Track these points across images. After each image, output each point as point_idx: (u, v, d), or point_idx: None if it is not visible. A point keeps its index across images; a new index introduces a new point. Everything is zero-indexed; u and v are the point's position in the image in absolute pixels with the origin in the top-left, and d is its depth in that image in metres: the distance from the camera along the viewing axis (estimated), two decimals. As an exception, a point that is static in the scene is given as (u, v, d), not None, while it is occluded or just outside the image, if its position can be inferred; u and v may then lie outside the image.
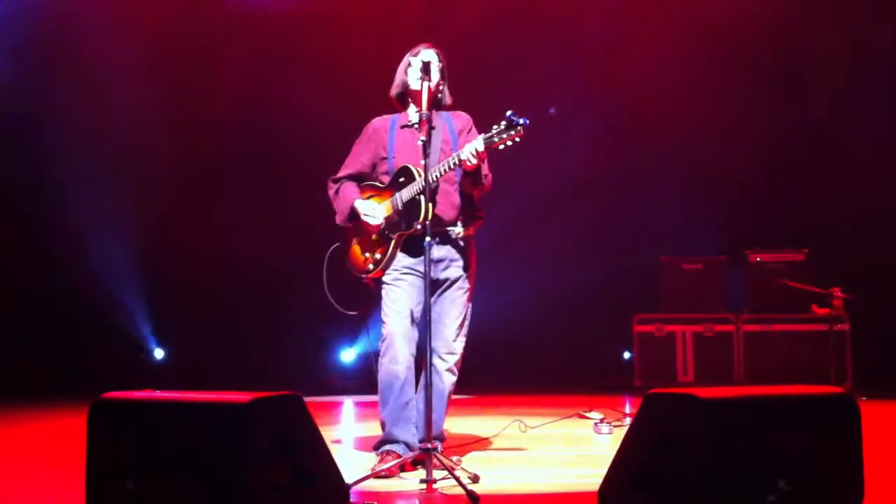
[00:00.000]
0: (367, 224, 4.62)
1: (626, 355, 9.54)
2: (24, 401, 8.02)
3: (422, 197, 4.37)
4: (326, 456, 3.30)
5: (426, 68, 4.41)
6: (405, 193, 4.51)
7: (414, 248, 4.55)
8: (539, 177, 9.24)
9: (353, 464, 4.72)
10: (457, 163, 4.32)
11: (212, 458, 2.98)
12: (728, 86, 9.25)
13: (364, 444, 5.30)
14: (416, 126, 4.62)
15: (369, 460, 4.57)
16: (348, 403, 8.15)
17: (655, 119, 9.23)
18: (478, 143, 4.26)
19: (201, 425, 3.04)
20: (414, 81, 4.59)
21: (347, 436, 6.11)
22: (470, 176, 4.46)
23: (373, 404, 4.68)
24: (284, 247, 9.15)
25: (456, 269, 4.60)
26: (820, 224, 8.93)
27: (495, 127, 4.23)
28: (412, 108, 4.71)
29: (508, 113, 4.18)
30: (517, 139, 4.19)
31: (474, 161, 4.27)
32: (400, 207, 4.54)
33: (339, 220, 4.75)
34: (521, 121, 4.16)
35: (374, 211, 4.62)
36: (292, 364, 9.41)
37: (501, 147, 4.23)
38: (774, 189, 9.27)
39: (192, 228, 9.41)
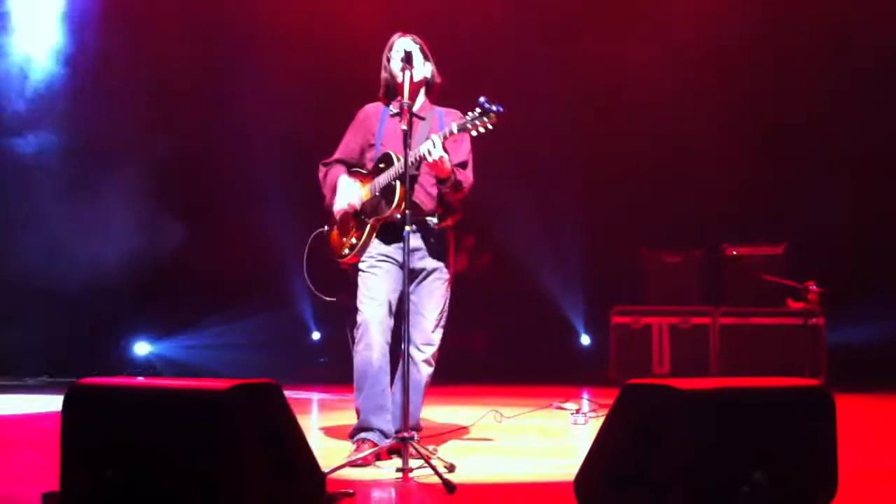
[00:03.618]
0: (334, 206, 4.65)
1: (585, 340, 9.67)
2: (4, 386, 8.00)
3: (397, 182, 4.39)
4: (303, 444, 3.29)
5: (408, 58, 4.41)
6: (382, 178, 4.51)
7: (390, 235, 4.57)
8: (520, 168, 9.26)
9: (327, 452, 4.71)
10: (421, 157, 4.34)
11: (189, 445, 2.96)
12: (710, 81, 9.29)
13: (339, 433, 5.30)
14: (394, 112, 4.63)
15: (344, 449, 4.57)
16: (323, 392, 8.13)
17: (637, 112, 9.26)
18: (431, 143, 4.28)
19: (179, 412, 3.03)
20: (398, 73, 4.57)
21: (322, 424, 6.10)
22: (436, 178, 4.49)
23: (347, 391, 4.67)
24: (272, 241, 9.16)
25: (433, 260, 4.62)
26: (797, 219, 8.99)
27: (470, 114, 4.24)
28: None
29: (481, 99, 4.20)
30: (490, 126, 4.20)
31: (430, 158, 4.29)
32: (377, 192, 4.55)
33: (328, 201, 4.75)
34: (494, 108, 4.18)
35: (348, 193, 4.63)
36: (270, 353, 9.40)
37: (475, 133, 4.25)
38: (754, 183, 9.32)
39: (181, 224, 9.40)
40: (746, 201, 9.33)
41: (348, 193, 4.65)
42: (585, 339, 9.74)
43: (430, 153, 4.28)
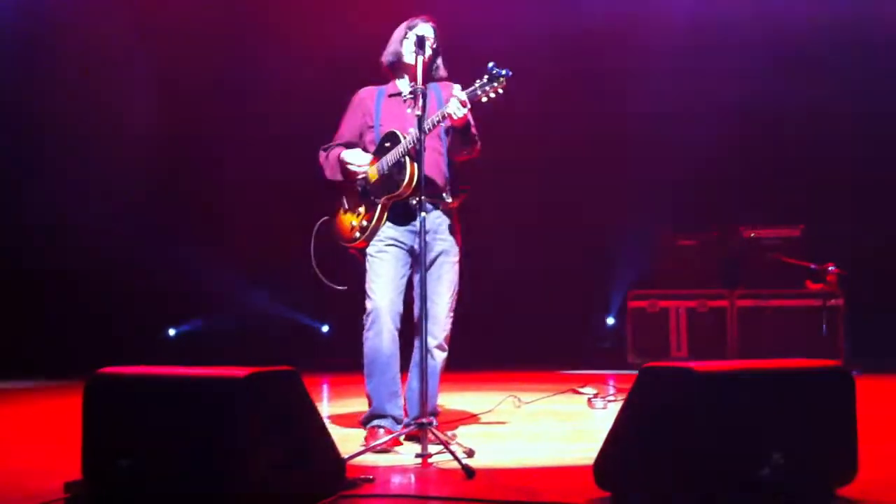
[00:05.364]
0: (350, 171, 4.61)
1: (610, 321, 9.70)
2: (29, 379, 8.04)
3: (407, 158, 4.38)
4: (322, 430, 3.31)
5: (420, 42, 4.38)
6: (391, 156, 4.49)
7: (401, 216, 4.55)
8: (533, 149, 9.23)
9: (342, 438, 4.72)
10: (443, 117, 4.28)
11: (209, 433, 2.98)
12: (724, 61, 9.22)
13: (348, 419, 5.32)
14: (406, 97, 4.63)
15: (356, 434, 4.59)
16: (332, 378, 8.15)
17: (651, 94, 9.20)
18: (460, 94, 4.24)
19: (198, 400, 3.04)
20: (409, 55, 4.59)
21: (333, 410, 6.11)
22: (460, 133, 4.44)
23: (358, 379, 4.68)
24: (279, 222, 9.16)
25: (441, 243, 4.58)
26: (816, 200, 8.93)
27: (478, 81, 4.21)
28: (403, 80, 4.70)
29: (490, 65, 4.18)
30: (500, 91, 4.18)
31: (459, 114, 4.24)
32: (386, 171, 4.52)
33: (329, 174, 4.72)
34: (504, 72, 4.16)
35: (360, 159, 4.61)
36: (287, 339, 9.45)
37: (485, 100, 4.21)
38: (771, 164, 9.26)
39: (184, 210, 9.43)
40: (763, 183, 9.26)
41: (360, 161, 4.62)
42: (610, 321, 9.76)
43: (458, 109, 4.23)
